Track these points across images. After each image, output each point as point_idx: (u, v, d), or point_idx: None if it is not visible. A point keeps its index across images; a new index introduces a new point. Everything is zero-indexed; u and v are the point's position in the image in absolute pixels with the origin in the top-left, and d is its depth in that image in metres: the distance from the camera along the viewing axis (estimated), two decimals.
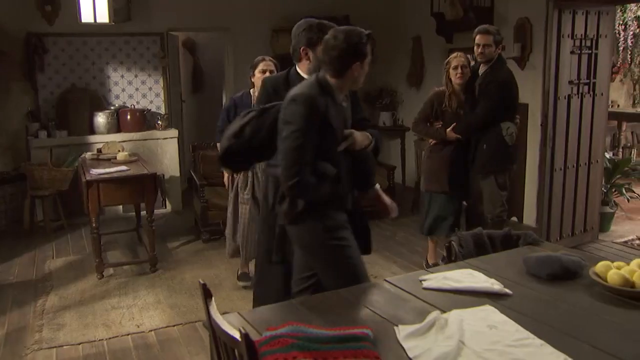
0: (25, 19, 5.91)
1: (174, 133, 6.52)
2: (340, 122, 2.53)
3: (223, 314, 1.97)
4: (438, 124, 4.28)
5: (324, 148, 2.45)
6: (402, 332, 1.78)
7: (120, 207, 6.19)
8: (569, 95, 5.02)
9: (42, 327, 3.74)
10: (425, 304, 2.01)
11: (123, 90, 6.50)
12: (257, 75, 4.01)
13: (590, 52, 5.08)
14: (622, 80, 9.31)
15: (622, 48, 8.01)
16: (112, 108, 6.34)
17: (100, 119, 6.15)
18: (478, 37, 4.17)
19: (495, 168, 4.22)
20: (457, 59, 4.16)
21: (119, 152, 5.45)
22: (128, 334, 3.63)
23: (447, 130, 4.20)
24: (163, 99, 6.69)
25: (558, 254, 2.29)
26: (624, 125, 8.53)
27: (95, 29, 6.08)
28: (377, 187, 2.82)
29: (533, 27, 5.26)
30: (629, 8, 7.75)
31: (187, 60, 8.13)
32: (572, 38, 4.91)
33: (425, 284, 2.18)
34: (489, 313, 1.93)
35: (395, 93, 7.34)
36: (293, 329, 1.71)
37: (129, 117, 6.26)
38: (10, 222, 5.83)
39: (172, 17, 6.48)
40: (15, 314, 3.95)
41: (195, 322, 3.72)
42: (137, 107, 6.48)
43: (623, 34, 7.92)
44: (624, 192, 5.79)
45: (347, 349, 1.62)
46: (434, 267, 3.42)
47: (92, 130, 6.18)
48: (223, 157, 2.68)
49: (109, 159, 5.15)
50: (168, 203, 6.50)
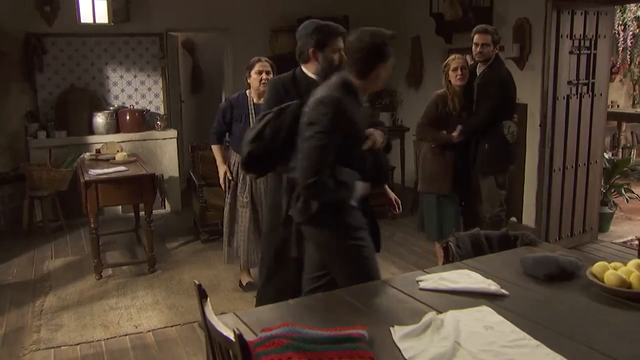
0: (24, 20, 5.91)
1: (173, 133, 6.52)
2: (364, 122, 2.56)
3: (221, 314, 1.98)
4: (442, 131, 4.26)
5: (350, 148, 2.46)
6: (397, 332, 1.78)
7: (120, 207, 6.19)
8: (568, 96, 5.02)
9: (40, 327, 3.74)
10: (422, 305, 2.01)
11: (122, 91, 6.50)
12: (253, 76, 3.99)
13: (589, 52, 5.08)
14: (621, 81, 9.31)
15: (621, 48, 8.00)
16: (111, 108, 6.35)
17: (100, 120, 6.15)
18: (477, 36, 4.16)
19: (497, 167, 4.21)
20: (456, 61, 4.12)
21: (118, 152, 5.45)
22: (126, 335, 3.63)
23: (452, 134, 4.14)
24: (162, 100, 6.69)
25: (555, 255, 2.28)
26: (624, 126, 8.54)
27: (95, 30, 6.09)
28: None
29: (532, 27, 5.26)
30: (629, 8, 7.74)
31: (186, 61, 8.13)
32: (570, 38, 4.91)
33: (422, 285, 2.18)
34: (486, 314, 1.92)
35: (395, 93, 7.34)
36: (288, 330, 1.70)
37: (128, 117, 6.27)
38: (9, 222, 5.83)
39: (171, 17, 6.49)
40: (14, 315, 3.95)
41: (194, 322, 3.71)
42: (136, 107, 6.48)
43: (622, 34, 7.91)
44: (623, 192, 5.78)
45: (342, 350, 1.61)
46: None
47: (91, 131, 6.18)
48: (246, 162, 2.69)
49: (108, 160, 5.16)
50: (167, 203, 6.50)
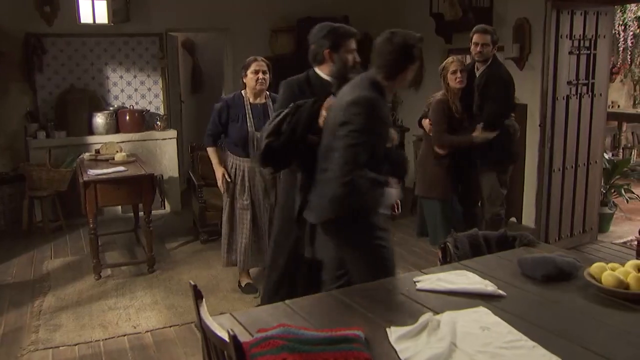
0: (24, 20, 5.91)
1: (173, 134, 6.52)
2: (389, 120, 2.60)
3: (220, 315, 1.98)
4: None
5: (380, 146, 2.48)
6: (394, 333, 1.77)
7: (119, 207, 6.19)
8: (568, 96, 5.00)
9: (38, 327, 3.74)
10: (419, 306, 2.00)
11: (122, 91, 6.50)
12: (249, 76, 3.97)
13: (589, 52, 5.06)
14: (622, 81, 9.30)
15: (622, 49, 7.99)
16: (110, 109, 6.34)
17: (99, 120, 6.15)
18: (476, 36, 4.14)
19: (502, 165, 4.22)
20: (455, 64, 4.05)
21: (117, 152, 5.45)
22: (124, 335, 3.62)
23: (472, 135, 4.06)
24: (162, 100, 6.69)
25: (553, 255, 2.28)
26: (625, 126, 8.53)
27: (94, 30, 6.08)
28: None
29: (532, 27, 5.26)
30: (629, 8, 7.73)
31: (186, 61, 8.12)
32: (570, 38, 4.89)
33: (419, 285, 2.18)
34: (482, 315, 1.92)
35: (395, 93, 7.32)
36: (284, 331, 1.70)
37: (128, 117, 6.26)
38: (9, 222, 5.83)
39: (171, 17, 6.48)
40: (12, 315, 3.95)
41: (192, 323, 3.70)
42: (135, 107, 6.47)
43: (623, 35, 7.90)
44: (623, 192, 5.76)
45: (337, 351, 1.61)
46: None
47: (90, 131, 6.18)
48: (264, 156, 2.70)
49: (107, 160, 5.16)
50: (167, 204, 6.50)
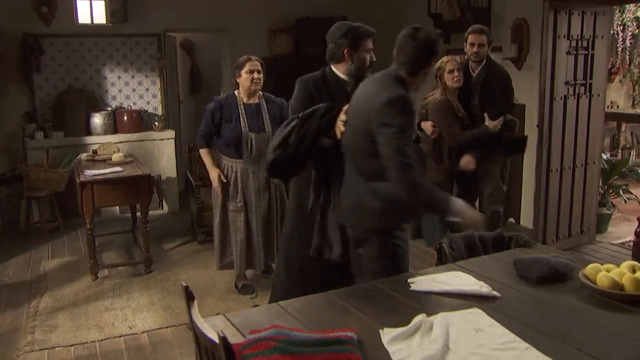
0: (22, 20, 5.90)
1: (171, 134, 6.51)
2: None
3: (213, 316, 1.97)
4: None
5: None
6: (387, 335, 1.76)
7: (117, 208, 6.18)
8: (565, 96, 4.99)
9: (34, 328, 3.73)
10: (413, 307, 1.99)
11: (120, 92, 6.49)
12: (243, 76, 3.92)
13: (587, 52, 5.06)
14: (621, 81, 9.29)
15: (620, 49, 7.99)
16: (108, 109, 6.33)
17: (97, 120, 6.14)
18: (472, 36, 4.14)
19: (503, 160, 4.28)
20: (451, 63, 4.06)
21: (114, 153, 5.45)
22: (120, 336, 3.61)
23: (487, 123, 4.09)
24: (160, 100, 6.68)
25: (548, 256, 2.27)
26: (624, 126, 8.51)
27: (92, 30, 6.06)
28: None
29: (530, 27, 5.24)
30: (628, 8, 7.72)
31: (184, 61, 8.12)
32: (568, 39, 4.88)
33: (414, 286, 2.17)
34: (476, 316, 1.91)
35: None
36: (276, 332, 1.69)
37: (126, 118, 6.25)
38: (7, 223, 5.83)
39: (169, 18, 6.47)
40: (8, 315, 3.94)
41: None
42: (133, 108, 6.46)
43: (622, 35, 7.89)
44: (622, 193, 5.75)
45: (329, 352, 1.60)
46: None
47: (88, 132, 6.17)
48: (271, 168, 2.74)
49: (104, 160, 5.16)
50: (165, 204, 6.49)
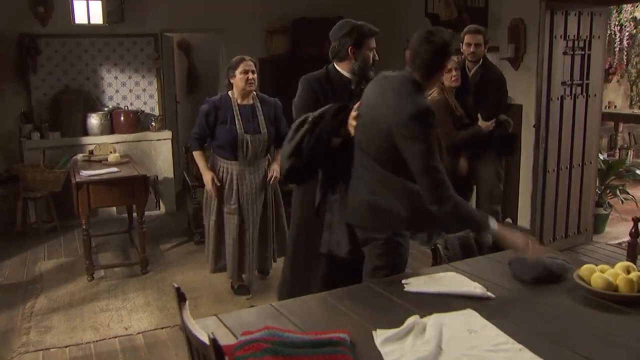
0: (18, 20, 5.87)
1: (168, 134, 6.50)
2: None
3: (206, 317, 1.96)
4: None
5: None
6: (380, 336, 1.76)
7: (114, 208, 6.17)
8: (562, 97, 4.99)
9: (29, 329, 3.72)
10: (406, 308, 1.99)
11: (117, 92, 6.48)
12: (238, 76, 3.91)
13: (584, 53, 5.05)
14: (619, 81, 9.28)
15: (618, 49, 7.99)
16: (105, 109, 6.31)
17: (94, 121, 6.12)
18: (469, 36, 4.13)
19: (499, 158, 4.28)
20: (450, 63, 4.07)
21: (111, 153, 5.43)
22: (116, 337, 3.61)
23: (480, 124, 4.10)
24: (157, 101, 6.67)
25: (542, 257, 2.26)
26: (621, 126, 8.50)
27: (89, 30, 6.05)
28: None
29: (527, 27, 5.23)
30: (625, 9, 7.72)
31: (181, 62, 8.10)
32: (564, 39, 4.88)
33: (407, 287, 2.16)
34: (470, 317, 1.91)
35: None
36: (268, 333, 1.69)
37: (123, 118, 6.24)
38: (3, 223, 5.80)
39: (166, 18, 6.46)
40: (3, 316, 3.93)
41: None
42: (130, 108, 6.45)
43: (619, 35, 7.89)
44: (618, 193, 5.74)
45: (321, 354, 1.59)
46: None
47: (85, 132, 6.15)
48: (287, 177, 2.73)
49: (100, 161, 5.14)
50: (162, 205, 6.48)
